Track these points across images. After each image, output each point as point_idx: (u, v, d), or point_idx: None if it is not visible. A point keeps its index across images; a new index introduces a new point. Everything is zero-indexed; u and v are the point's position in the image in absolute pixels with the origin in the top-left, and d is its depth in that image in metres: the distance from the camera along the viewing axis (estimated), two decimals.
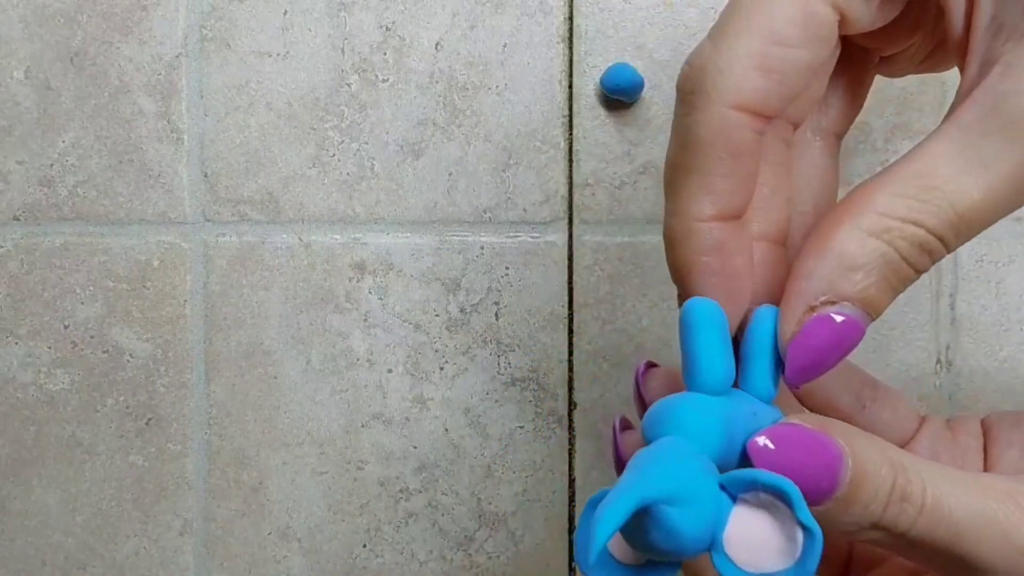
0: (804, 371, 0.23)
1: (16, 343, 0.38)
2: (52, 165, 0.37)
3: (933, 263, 0.22)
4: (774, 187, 0.25)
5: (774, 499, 0.20)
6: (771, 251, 0.25)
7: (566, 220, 0.37)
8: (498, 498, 0.37)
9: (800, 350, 0.22)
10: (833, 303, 0.22)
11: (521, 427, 0.37)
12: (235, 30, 0.37)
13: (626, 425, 0.27)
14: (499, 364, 0.37)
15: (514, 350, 0.37)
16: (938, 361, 0.36)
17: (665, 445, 0.22)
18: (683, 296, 0.24)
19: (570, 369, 0.37)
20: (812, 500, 0.21)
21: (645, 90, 0.36)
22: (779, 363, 0.24)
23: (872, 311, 0.22)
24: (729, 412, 0.23)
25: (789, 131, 0.25)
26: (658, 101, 0.36)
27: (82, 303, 0.38)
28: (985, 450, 0.27)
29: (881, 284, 0.22)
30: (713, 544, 0.21)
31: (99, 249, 0.38)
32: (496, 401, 0.37)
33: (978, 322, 0.36)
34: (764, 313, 0.24)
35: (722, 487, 0.21)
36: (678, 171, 0.23)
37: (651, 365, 0.27)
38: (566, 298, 0.37)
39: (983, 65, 0.21)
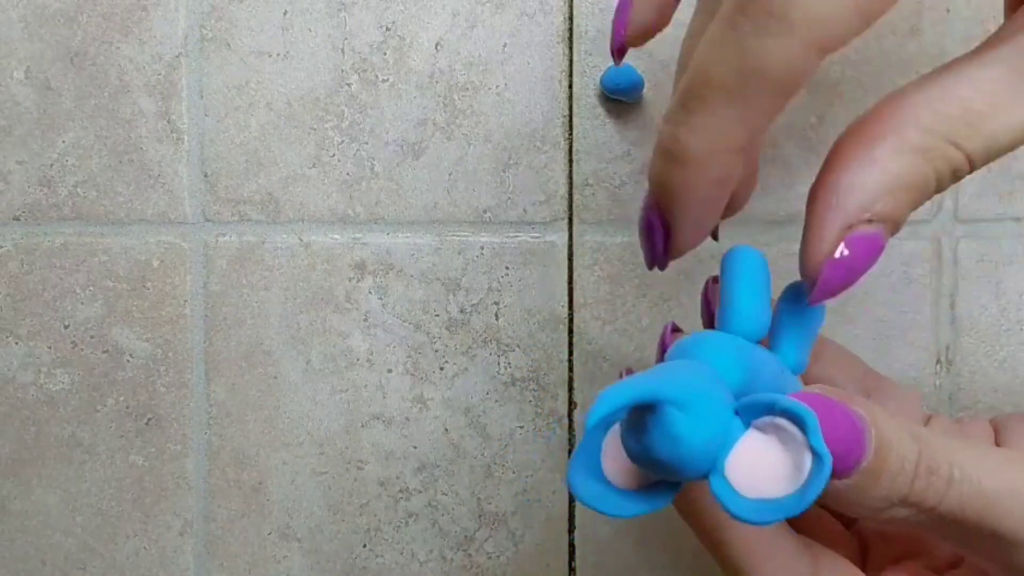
0: (831, 291, 0.22)
1: (16, 343, 0.38)
2: (52, 165, 0.37)
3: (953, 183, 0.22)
4: None
5: (788, 426, 0.20)
6: None
7: (566, 220, 0.37)
8: (498, 498, 0.37)
9: (834, 269, 0.21)
10: (870, 221, 0.21)
11: (521, 427, 0.37)
12: (235, 30, 0.37)
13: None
14: (499, 364, 0.37)
15: (514, 350, 0.37)
16: (938, 361, 0.36)
17: (685, 363, 0.21)
18: (659, 208, 0.23)
19: (570, 369, 0.37)
20: (838, 472, 0.20)
21: (645, 90, 0.36)
22: (810, 335, 0.24)
23: (897, 229, 0.22)
24: (756, 359, 0.22)
25: None
26: (658, 101, 0.36)
27: (82, 303, 0.38)
28: (997, 446, 0.27)
29: (911, 203, 0.21)
30: (713, 467, 0.20)
31: (99, 249, 0.38)
32: (496, 401, 0.37)
33: (978, 322, 0.36)
34: (799, 288, 0.24)
35: (736, 414, 0.21)
36: (720, 92, 0.20)
37: (676, 329, 0.26)
38: (566, 298, 0.37)
39: None
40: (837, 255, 0.21)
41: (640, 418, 0.20)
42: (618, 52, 0.27)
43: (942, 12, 0.36)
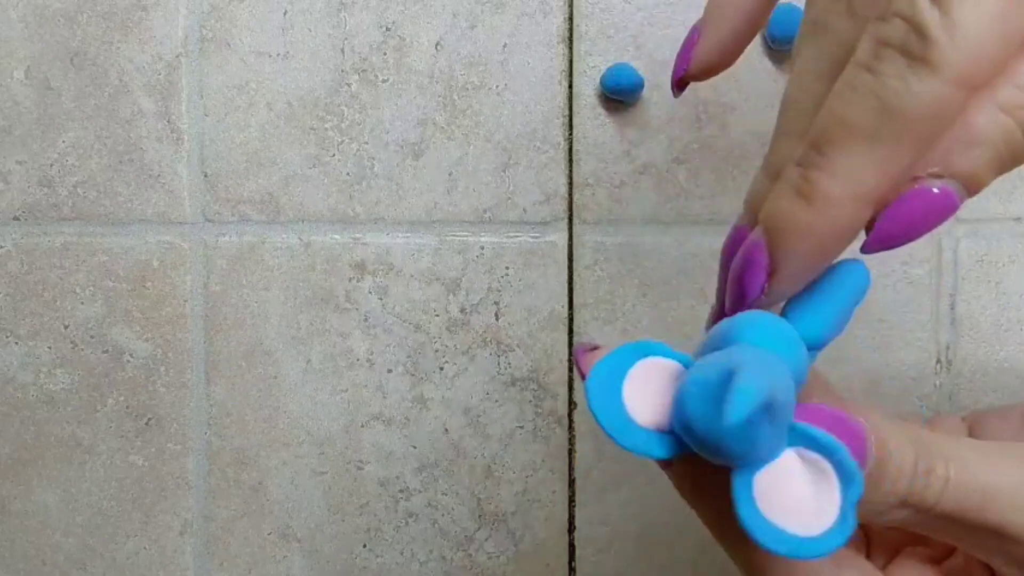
0: (884, 241, 0.21)
1: (16, 343, 0.38)
2: (52, 165, 0.37)
3: None
4: None
5: (825, 464, 0.20)
6: None
7: (566, 220, 0.37)
8: (498, 498, 0.37)
9: (891, 220, 0.20)
10: (940, 176, 0.20)
11: (521, 427, 0.37)
12: (235, 30, 0.37)
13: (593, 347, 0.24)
14: (499, 364, 0.37)
15: (514, 350, 0.37)
16: (938, 361, 0.36)
17: (774, 356, 0.20)
18: (768, 246, 0.21)
19: (570, 369, 0.37)
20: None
21: (645, 90, 0.36)
22: (840, 311, 0.23)
23: (976, 188, 0.20)
24: (806, 368, 0.22)
25: None
26: (658, 101, 0.36)
27: (82, 303, 0.38)
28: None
29: (994, 162, 0.20)
30: (746, 464, 0.20)
31: (99, 249, 0.38)
32: (496, 401, 0.37)
33: (978, 322, 0.36)
34: (856, 267, 0.23)
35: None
36: (859, 135, 0.19)
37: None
38: (566, 298, 0.37)
39: None
40: (895, 203, 0.20)
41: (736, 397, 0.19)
42: (678, 85, 0.27)
43: None
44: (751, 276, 0.22)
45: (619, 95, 0.36)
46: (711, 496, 0.23)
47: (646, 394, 0.21)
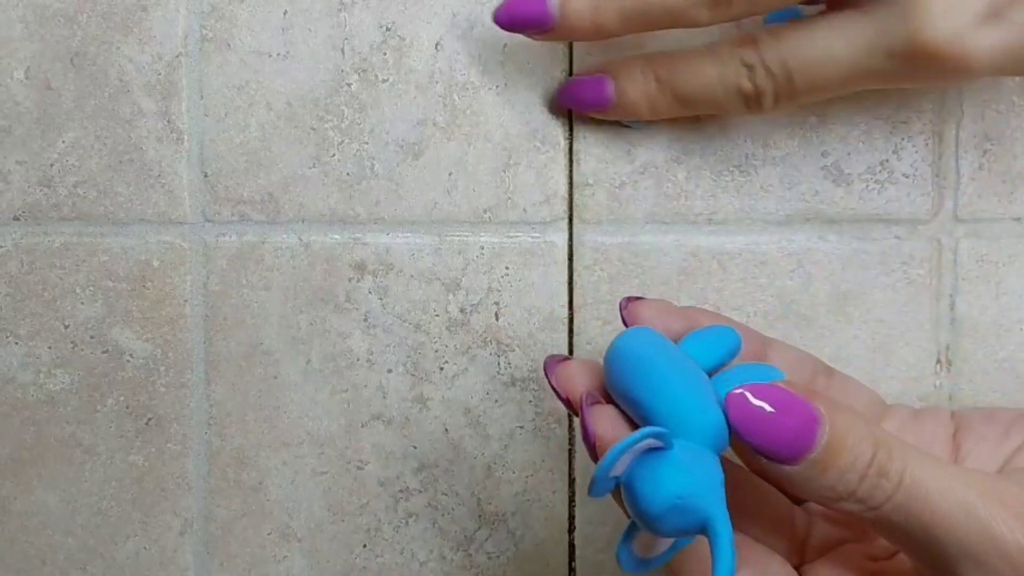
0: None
1: (16, 343, 0.38)
2: (52, 165, 0.37)
3: None
4: None
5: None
6: None
7: (566, 220, 0.37)
8: (498, 498, 0.37)
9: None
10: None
11: (521, 427, 0.37)
12: (235, 30, 0.37)
13: (594, 400, 0.27)
14: (499, 364, 0.37)
15: (514, 350, 0.37)
16: (938, 361, 0.36)
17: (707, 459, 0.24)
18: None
19: None
20: (784, 457, 0.23)
21: None
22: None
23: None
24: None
25: None
26: None
27: (82, 303, 0.38)
28: (956, 442, 0.28)
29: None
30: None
31: (99, 249, 0.38)
32: (496, 401, 0.37)
33: (978, 322, 0.36)
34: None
35: None
36: None
37: (634, 298, 0.29)
38: (566, 298, 0.37)
39: None
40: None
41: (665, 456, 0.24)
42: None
43: None
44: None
45: None
46: None
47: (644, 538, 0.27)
